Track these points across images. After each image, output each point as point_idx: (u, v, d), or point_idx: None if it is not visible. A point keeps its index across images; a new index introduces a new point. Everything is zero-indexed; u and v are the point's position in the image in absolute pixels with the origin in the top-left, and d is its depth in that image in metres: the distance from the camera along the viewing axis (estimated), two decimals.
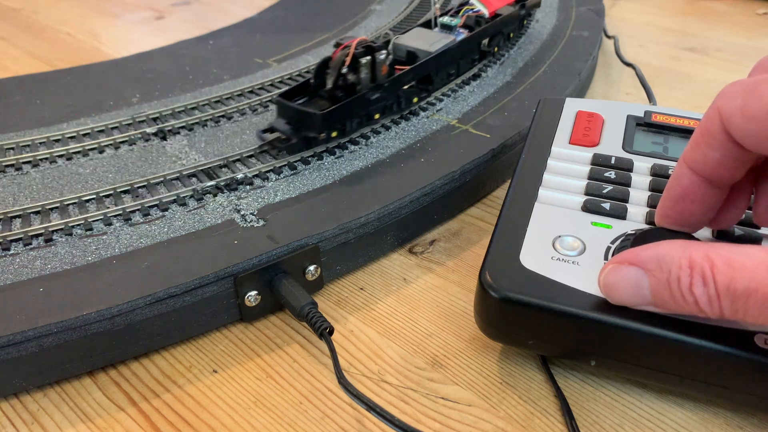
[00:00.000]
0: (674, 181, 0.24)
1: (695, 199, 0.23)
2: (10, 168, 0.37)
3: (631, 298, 0.22)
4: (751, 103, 0.20)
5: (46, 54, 0.62)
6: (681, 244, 0.21)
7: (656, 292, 0.21)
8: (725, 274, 0.20)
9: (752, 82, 0.20)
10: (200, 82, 0.48)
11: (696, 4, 0.75)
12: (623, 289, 0.22)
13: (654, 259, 0.21)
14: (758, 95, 0.20)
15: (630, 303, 0.23)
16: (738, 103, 0.20)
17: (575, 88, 0.47)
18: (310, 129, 0.36)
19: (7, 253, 0.30)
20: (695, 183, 0.23)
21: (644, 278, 0.22)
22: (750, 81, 0.21)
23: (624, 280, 0.22)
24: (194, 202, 0.34)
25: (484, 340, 0.29)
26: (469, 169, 0.36)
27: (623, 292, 0.23)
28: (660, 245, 0.22)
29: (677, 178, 0.24)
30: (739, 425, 0.25)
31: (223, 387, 0.27)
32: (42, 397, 0.27)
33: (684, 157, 0.23)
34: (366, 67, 0.37)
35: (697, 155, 0.23)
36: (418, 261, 0.34)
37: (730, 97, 0.21)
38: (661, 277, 0.21)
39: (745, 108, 0.20)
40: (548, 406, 0.26)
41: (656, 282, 0.21)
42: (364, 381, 0.27)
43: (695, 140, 0.23)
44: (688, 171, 0.23)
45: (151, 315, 0.27)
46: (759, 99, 0.20)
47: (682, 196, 0.24)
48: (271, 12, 0.67)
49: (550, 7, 0.62)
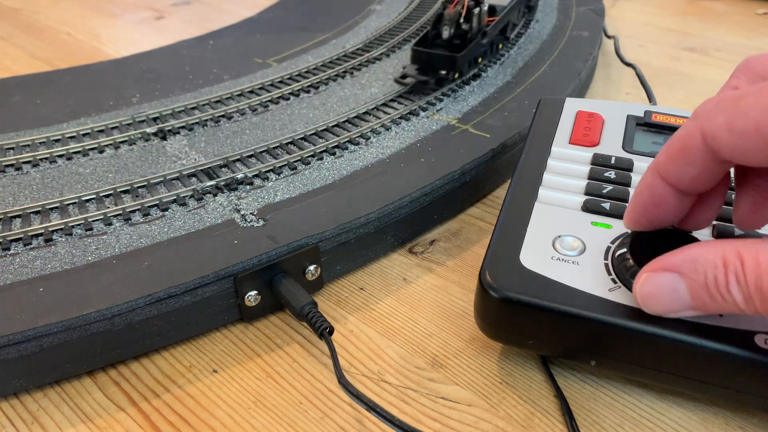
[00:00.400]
0: (646, 190, 0.23)
1: (667, 207, 0.23)
2: (10, 168, 0.37)
3: (671, 305, 0.22)
4: (736, 119, 0.20)
5: (46, 54, 0.62)
6: (713, 244, 0.21)
7: (695, 295, 0.21)
8: (754, 272, 0.19)
9: (732, 98, 0.20)
10: (200, 82, 0.48)
11: (696, 4, 0.75)
12: (661, 296, 0.22)
13: (687, 262, 0.21)
14: (743, 112, 0.20)
15: (670, 310, 0.22)
16: (722, 121, 0.20)
17: (575, 88, 0.47)
18: (448, 69, 0.44)
19: (7, 253, 0.30)
20: (668, 192, 0.23)
21: (680, 282, 0.21)
22: (729, 97, 0.20)
23: (660, 288, 0.22)
24: (194, 202, 0.34)
25: (484, 340, 0.29)
26: (469, 169, 0.36)
27: (661, 299, 0.22)
28: (691, 248, 0.21)
29: (649, 187, 0.23)
30: (739, 425, 0.25)
31: (223, 387, 0.27)
32: (42, 397, 0.27)
33: (658, 169, 0.23)
34: (476, 17, 0.44)
35: (673, 169, 0.22)
36: (418, 261, 0.34)
37: (712, 116, 0.21)
38: (698, 279, 0.21)
39: (732, 125, 0.20)
40: (548, 406, 0.26)
41: (693, 284, 0.21)
42: (364, 381, 0.27)
43: (672, 155, 0.22)
44: (662, 182, 0.23)
45: (151, 315, 0.27)
46: (744, 115, 0.19)
47: (654, 204, 0.23)
48: (271, 12, 0.67)
49: (550, 7, 0.62)
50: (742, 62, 0.24)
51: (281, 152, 0.38)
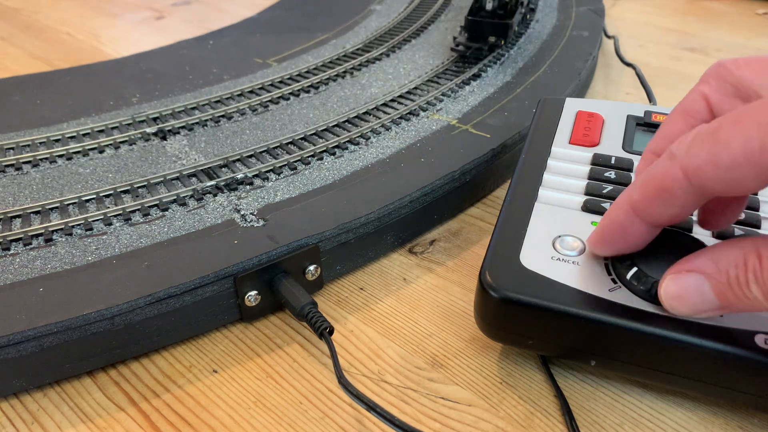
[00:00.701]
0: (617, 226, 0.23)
1: (637, 240, 0.23)
2: (10, 168, 0.37)
3: (698, 306, 0.22)
4: (720, 153, 0.19)
5: (46, 54, 0.62)
6: (735, 243, 0.21)
7: (721, 294, 0.21)
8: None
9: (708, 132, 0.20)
10: (200, 82, 0.48)
11: (696, 4, 0.75)
12: (688, 297, 0.22)
13: (710, 262, 0.21)
14: (725, 144, 0.19)
15: (698, 311, 0.22)
16: (704, 158, 0.20)
17: (575, 88, 0.47)
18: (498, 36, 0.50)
19: (7, 253, 0.30)
20: (642, 229, 0.23)
21: (705, 283, 0.21)
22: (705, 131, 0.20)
23: (686, 289, 0.22)
24: (194, 202, 0.34)
25: (484, 340, 0.29)
26: (469, 169, 0.36)
27: (688, 300, 0.22)
28: (713, 248, 0.21)
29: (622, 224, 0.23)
30: (739, 425, 0.25)
31: (223, 387, 0.27)
32: (42, 397, 0.27)
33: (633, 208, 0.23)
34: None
35: (652, 210, 0.22)
36: (418, 261, 0.34)
37: (692, 153, 0.20)
38: (721, 278, 0.21)
39: (717, 160, 0.19)
40: (548, 406, 0.26)
41: (717, 284, 0.21)
42: (364, 381, 0.27)
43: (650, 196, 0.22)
44: (637, 220, 0.23)
45: (151, 315, 0.27)
46: (728, 147, 0.19)
47: (623, 238, 0.23)
48: (271, 12, 0.67)
49: (550, 7, 0.62)
50: (713, 67, 0.24)
51: (281, 152, 0.38)
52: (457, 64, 0.49)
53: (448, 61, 0.50)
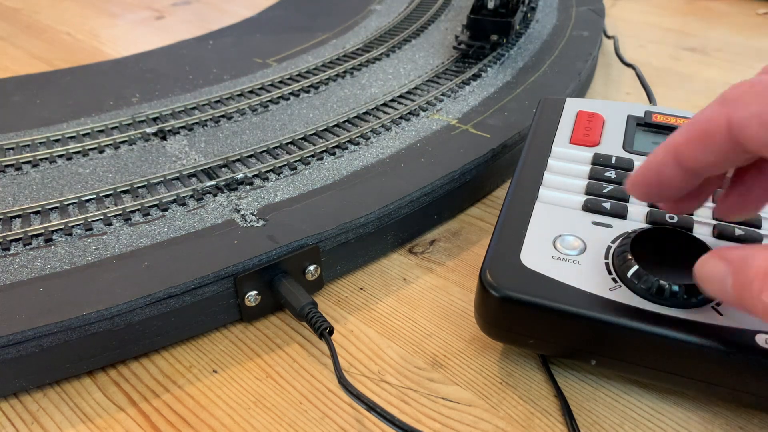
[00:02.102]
0: (656, 167, 0.23)
1: (673, 186, 0.23)
2: (10, 168, 0.37)
3: (719, 293, 0.22)
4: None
5: (46, 54, 0.62)
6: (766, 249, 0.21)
7: (737, 291, 0.21)
8: None
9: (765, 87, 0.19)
10: (200, 82, 0.48)
11: (696, 4, 0.75)
12: (712, 282, 0.22)
13: (739, 259, 0.21)
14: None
15: (718, 297, 0.22)
16: (754, 111, 0.19)
17: (575, 88, 0.47)
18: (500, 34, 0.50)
19: (7, 253, 0.30)
20: (678, 174, 0.22)
21: (729, 276, 0.21)
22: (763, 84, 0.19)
23: (713, 274, 0.22)
24: (194, 202, 0.34)
25: (484, 340, 0.29)
26: (469, 169, 0.36)
27: (712, 285, 0.22)
28: (751, 247, 0.21)
29: (660, 165, 0.23)
30: (740, 425, 0.25)
31: (223, 387, 0.27)
32: (42, 397, 0.27)
33: (672, 149, 0.22)
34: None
35: (690, 154, 0.22)
36: (418, 261, 0.34)
37: (743, 104, 0.19)
38: (741, 278, 0.21)
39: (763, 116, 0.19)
40: (548, 406, 0.26)
41: (737, 281, 0.21)
42: (364, 381, 0.27)
43: (691, 139, 0.22)
44: (674, 163, 0.22)
45: (151, 315, 0.27)
46: None
47: (659, 182, 0.23)
48: (271, 12, 0.67)
49: (550, 7, 0.62)
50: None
51: (281, 152, 0.38)
52: (457, 64, 0.49)
53: (448, 61, 0.50)
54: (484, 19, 0.50)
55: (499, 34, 0.50)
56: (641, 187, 0.24)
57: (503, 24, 0.50)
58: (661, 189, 0.23)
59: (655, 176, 0.23)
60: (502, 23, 0.50)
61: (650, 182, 0.23)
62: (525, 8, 0.56)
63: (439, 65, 0.49)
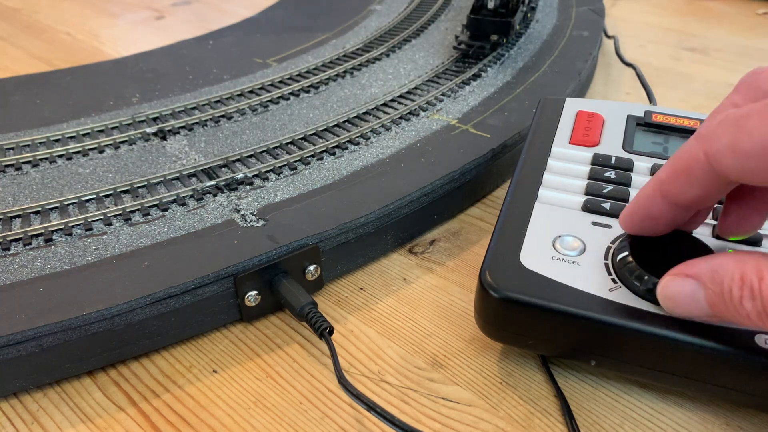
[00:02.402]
0: (645, 202, 0.24)
1: (664, 221, 0.24)
2: (10, 168, 0.37)
3: (690, 310, 0.22)
4: (741, 141, 0.19)
5: (46, 54, 0.62)
6: (736, 257, 0.21)
7: (713, 304, 0.21)
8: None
9: (734, 118, 0.20)
10: (200, 82, 0.48)
11: (696, 4, 0.75)
12: (681, 301, 0.22)
13: (708, 271, 0.21)
14: (747, 132, 0.19)
15: (690, 315, 0.22)
16: (725, 143, 0.20)
17: (575, 88, 0.47)
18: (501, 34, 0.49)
19: (7, 253, 0.30)
20: (667, 209, 0.23)
21: (701, 290, 0.21)
22: (732, 117, 0.20)
23: (681, 293, 0.22)
24: (194, 202, 0.34)
25: (484, 340, 0.29)
26: (469, 169, 0.36)
27: (681, 304, 0.22)
28: (715, 258, 0.22)
29: (649, 201, 0.23)
30: (739, 425, 0.25)
31: (223, 387, 0.27)
32: (42, 397, 0.27)
33: (660, 186, 0.23)
34: None
35: (675, 190, 0.22)
36: (418, 261, 0.34)
37: (715, 137, 0.20)
38: (716, 289, 0.21)
39: (737, 147, 0.19)
40: (548, 406, 0.26)
41: (712, 294, 0.21)
42: (364, 381, 0.27)
43: (674, 175, 0.22)
44: (662, 200, 0.23)
45: (151, 315, 0.27)
46: (749, 136, 0.19)
47: (650, 217, 0.24)
48: (271, 12, 0.67)
49: (550, 7, 0.62)
50: (747, 76, 0.24)
51: (281, 152, 0.38)
52: (457, 64, 0.49)
53: (448, 61, 0.50)
54: (484, 19, 0.50)
55: (499, 34, 0.50)
56: (633, 223, 0.25)
57: (503, 24, 0.50)
58: (652, 223, 0.24)
59: (645, 212, 0.24)
60: (502, 23, 0.50)
61: (641, 217, 0.24)
62: (525, 8, 0.56)
63: (439, 65, 0.49)
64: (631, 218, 0.25)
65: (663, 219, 0.24)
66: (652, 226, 0.24)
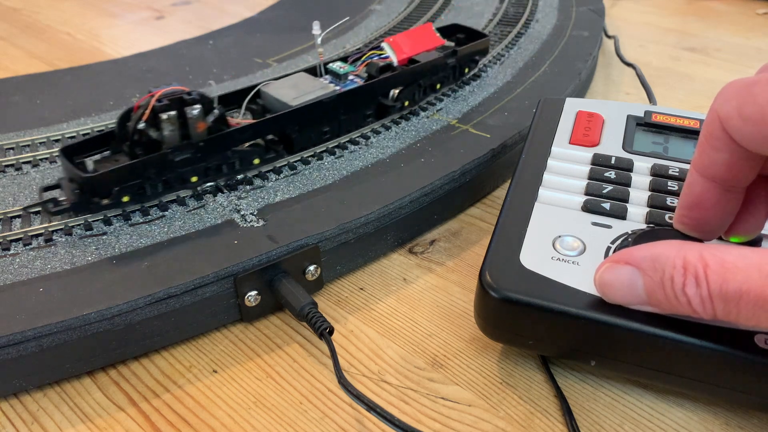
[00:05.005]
0: (687, 188, 0.24)
1: (709, 205, 0.23)
2: (10, 168, 0.37)
3: (626, 297, 0.22)
4: (746, 104, 0.20)
5: (46, 54, 0.62)
6: (677, 245, 0.21)
7: (650, 291, 0.21)
8: (718, 275, 0.19)
9: (747, 83, 0.20)
10: (200, 82, 0.48)
11: (696, 4, 0.75)
12: (618, 288, 0.22)
13: (648, 258, 0.21)
14: (753, 96, 0.20)
15: (625, 302, 0.23)
16: (734, 105, 0.20)
17: (575, 88, 0.47)
18: (90, 192, 0.31)
19: (7, 253, 0.30)
20: (707, 189, 0.23)
21: (639, 278, 0.22)
22: (745, 81, 0.20)
23: (619, 280, 0.22)
24: (194, 202, 0.34)
25: (484, 340, 0.29)
26: (469, 169, 0.36)
27: (618, 290, 0.23)
28: (656, 245, 0.22)
29: (689, 185, 0.23)
30: (739, 425, 0.25)
31: (223, 387, 0.27)
32: (42, 397, 0.27)
33: (693, 164, 0.23)
34: (170, 123, 0.32)
35: (704, 159, 0.22)
36: (418, 261, 0.34)
37: (726, 99, 0.21)
38: (655, 276, 0.21)
39: (741, 110, 0.20)
40: (548, 406, 0.26)
41: (650, 282, 0.21)
42: (364, 381, 0.27)
43: (701, 144, 0.22)
44: (699, 177, 0.23)
45: (151, 315, 0.27)
46: (753, 100, 0.20)
47: (695, 203, 0.23)
48: (271, 12, 0.67)
49: (550, 7, 0.62)
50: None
51: None
52: None
53: None
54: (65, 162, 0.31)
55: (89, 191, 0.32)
56: (688, 217, 0.24)
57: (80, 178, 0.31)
58: (702, 212, 0.23)
59: (693, 199, 0.23)
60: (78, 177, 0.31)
61: (689, 205, 0.24)
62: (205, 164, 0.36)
63: None
64: (680, 209, 0.24)
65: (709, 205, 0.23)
66: (702, 216, 0.23)
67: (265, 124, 0.35)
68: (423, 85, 0.42)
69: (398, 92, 0.40)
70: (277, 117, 0.36)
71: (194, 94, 0.33)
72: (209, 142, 0.33)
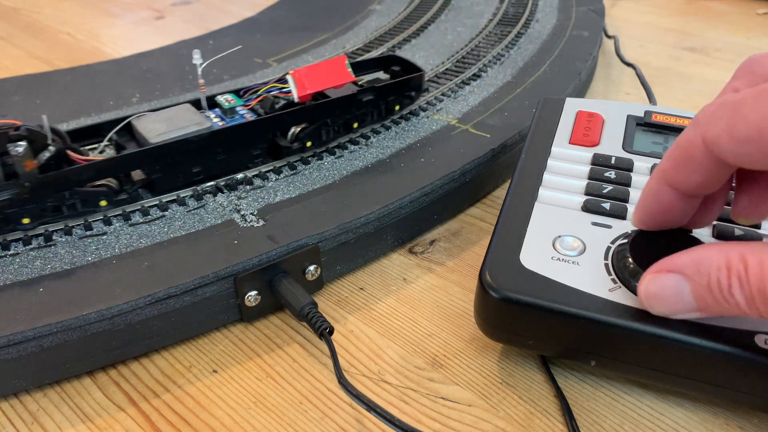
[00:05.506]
0: (651, 195, 0.24)
1: (674, 211, 0.23)
2: None
3: (675, 306, 0.22)
4: (737, 125, 0.19)
5: (46, 54, 0.62)
6: (717, 247, 0.21)
7: (699, 297, 0.21)
8: (757, 276, 0.19)
9: (731, 103, 0.20)
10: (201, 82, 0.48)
11: (696, 4, 0.75)
12: (666, 297, 0.22)
13: (691, 264, 0.21)
14: (743, 116, 0.19)
15: (675, 312, 0.22)
16: (722, 127, 0.20)
17: (575, 88, 0.47)
18: None
19: (7, 253, 0.30)
20: (674, 198, 0.23)
21: (685, 284, 0.21)
22: (728, 101, 0.20)
23: (665, 289, 0.22)
24: (194, 202, 0.34)
25: (484, 340, 0.29)
26: (469, 169, 0.36)
27: (666, 300, 0.22)
28: (696, 250, 0.21)
29: (655, 193, 0.23)
30: (739, 425, 0.25)
31: (223, 387, 0.27)
32: (42, 397, 0.27)
33: (662, 175, 0.23)
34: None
35: (678, 177, 0.22)
36: (418, 261, 0.34)
37: (712, 122, 0.20)
38: (702, 281, 0.21)
39: (732, 131, 0.20)
40: (548, 406, 0.26)
41: (697, 287, 0.21)
42: (364, 381, 0.27)
43: (676, 162, 0.22)
44: (668, 188, 0.23)
45: (151, 315, 0.27)
46: (745, 120, 0.19)
47: (660, 209, 0.24)
48: (271, 12, 0.67)
49: (550, 7, 0.62)
50: (744, 62, 0.24)
51: None
52: (457, 64, 0.49)
53: (448, 60, 0.50)
54: None
55: None
56: (646, 218, 0.24)
57: None
58: (665, 215, 0.24)
59: (654, 205, 0.24)
60: None
61: (651, 211, 0.24)
62: None
63: (439, 65, 0.49)
64: (642, 213, 0.24)
65: (673, 210, 0.23)
66: (663, 219, 0.24)
67: (114, 162, 0.32)
68: (332, 124, 0.37)
69: (299, 130, 0.36)
70: (131, 155, 0.32)
71: (22, 129, 0.30)
72: (40, 182, 0.30)
